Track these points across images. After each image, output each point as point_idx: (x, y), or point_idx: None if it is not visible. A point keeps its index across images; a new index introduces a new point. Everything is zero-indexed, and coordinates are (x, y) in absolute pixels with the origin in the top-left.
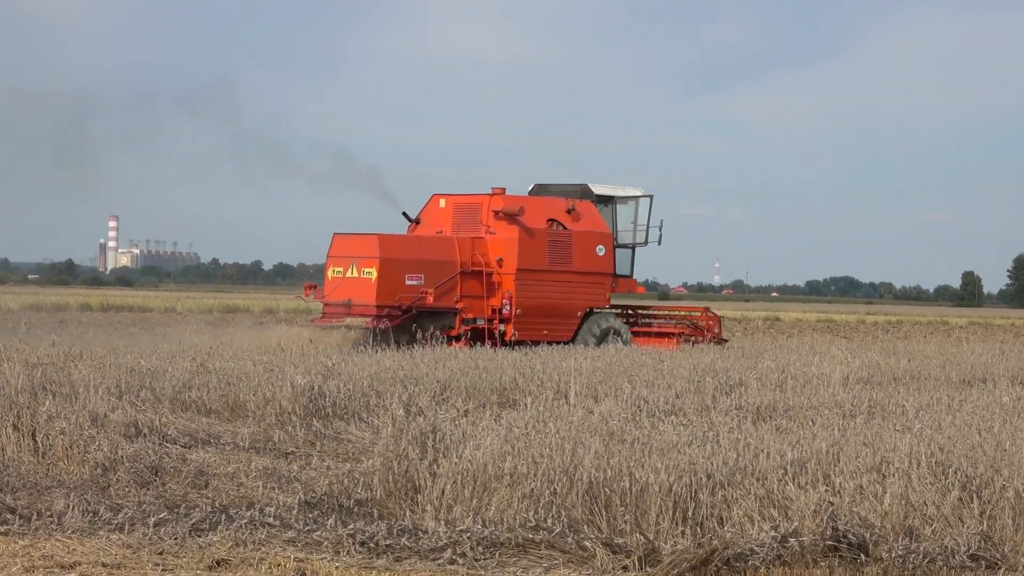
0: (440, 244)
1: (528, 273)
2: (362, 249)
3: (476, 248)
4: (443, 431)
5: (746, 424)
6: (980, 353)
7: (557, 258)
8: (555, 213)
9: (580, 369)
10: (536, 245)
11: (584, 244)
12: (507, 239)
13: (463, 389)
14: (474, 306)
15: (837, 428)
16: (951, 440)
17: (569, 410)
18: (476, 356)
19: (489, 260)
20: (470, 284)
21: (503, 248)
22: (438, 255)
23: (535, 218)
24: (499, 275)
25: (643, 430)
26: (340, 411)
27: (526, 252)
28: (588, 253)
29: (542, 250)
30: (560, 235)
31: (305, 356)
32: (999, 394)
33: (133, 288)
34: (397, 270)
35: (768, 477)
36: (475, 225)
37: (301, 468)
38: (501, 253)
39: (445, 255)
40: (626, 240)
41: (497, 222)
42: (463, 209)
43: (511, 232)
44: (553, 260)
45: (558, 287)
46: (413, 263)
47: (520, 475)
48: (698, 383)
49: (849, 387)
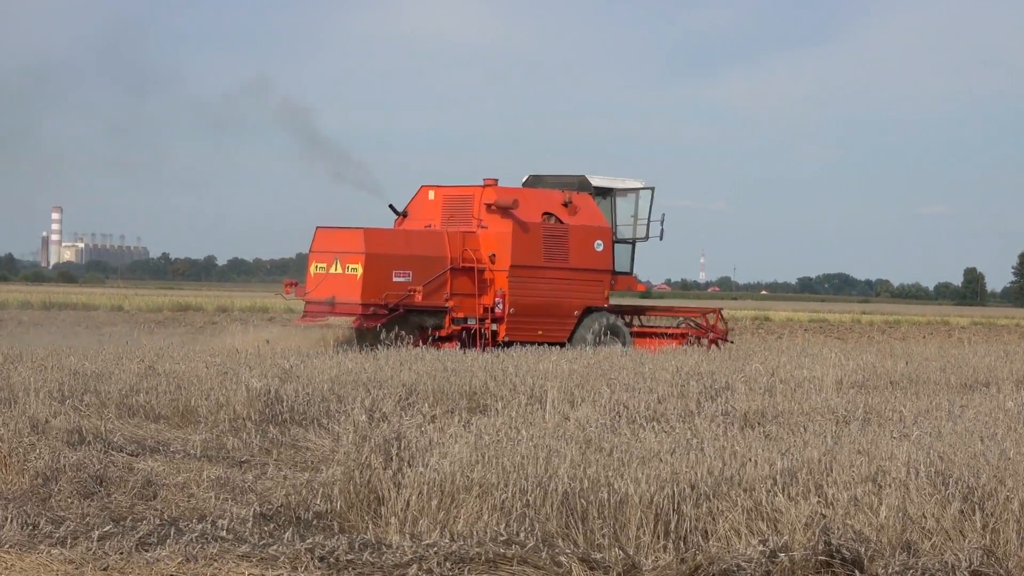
0: (429, 239)
1: (522, 270)
2: (347, 244)
3: (467, 243)
4: (408, 438)
5: (733, 431)
6: (983, 355)
7: (553, 254)
8: (551, 206)
9: (556, 372)
10: (531, 240)
11: (581, 239)
12: (500, 233)
13: (430, 393)
14: (465, 305)
15: (830, 435)
16: (952, 448)
17: (544, 416)
18: (444, 358)
19: (481, 256)
20: (461, 281)
21: (496, 243)
22: (427, 250)
23: (530, 211)
24: (491, 272)
25: (623, 437)
26: (298, 417)
27: (520, 247)
28: (586, 249)
29: (537, 245)
30: (556, 229)
31: (261, 358)
32: (1003, 399)
33: (77, 284)
34: (384, 266)
35: (756, 488)
36: (466, 219)
37: (256, 478)
38: (494, 248)
39: (434, 250)
40: (626, 235)
41: (489, 215)
42: (453, 202)
43: (504, 226)
44: (549, 256)
45: (554, 285)
46: (401, 259)
47: (491, 485)
48: (682, 387)
49: (843, 391)
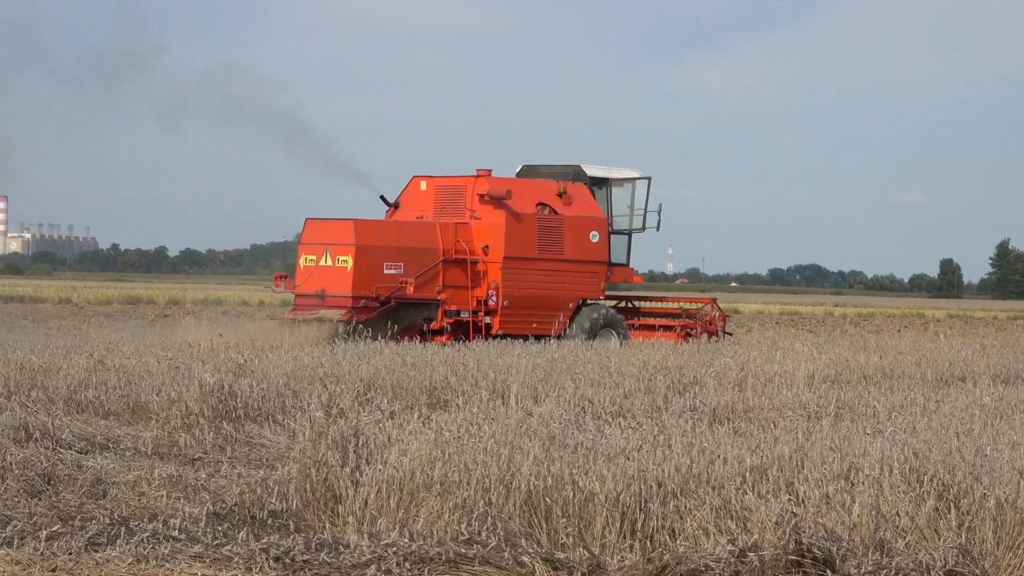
0: (421, 230)
1: (516, 261)
2: (337, 235)
3: (460, 234)
4: (366, 435)
5: (701, 427)
6: (959, 349)
7: (547, 245)
8: (545, 197)
9: (519, 367)
10: (524, 231)
11: (576, 230)
12: (493, 225)
13: (389, 388)
14: (457, 297)
15: (801, 431)
16: (926, 445)
17: (506, 412)
18: (404, 352)
19: (474, 247)
20: (453, 273)
21: (489, 234)
22: (419, 242)
23: (523, 202)
24: (484, 263)
25: (587, 434)
26: (253, 413)
27: (514, 239)
28: (581, 240)
29: (531, 236)
30: (550, 220)
31: (215, 352)
32: (979, 394)
33: (24, 276)
34: (375, 258)
35: (725, 485)
36: (459, 209)
37: (209, 476)
38: (487, 240)
39: (426, 242)
40: (622, 226)
41: (482, 206)
42: (446, 192)
43: (497, 217)
44: (543, 247)
45: (548, 276)
46: (392, 251)
47: (451, 483)
48: (648, 382)
49: (815, 386)
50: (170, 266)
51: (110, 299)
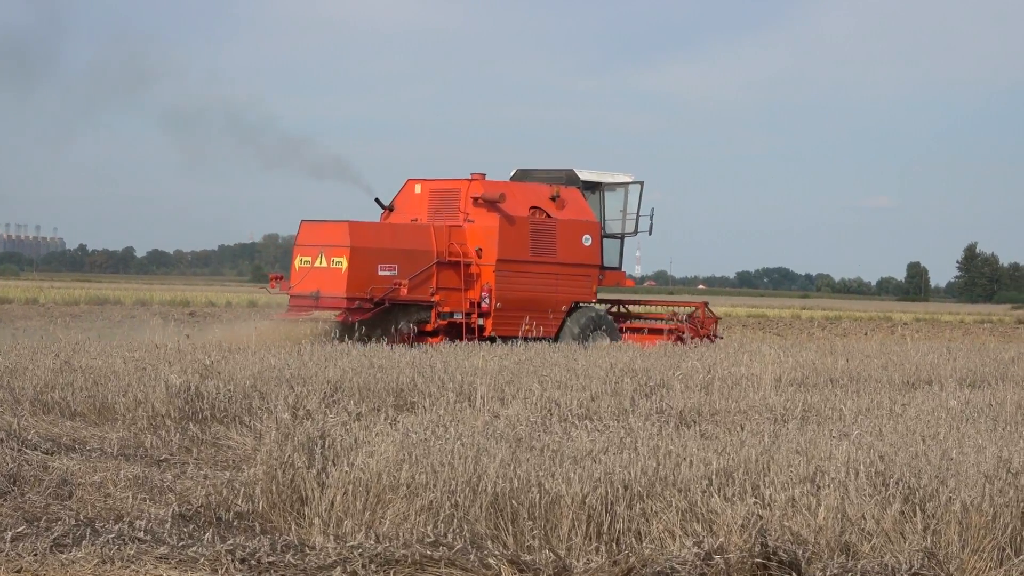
0: (415, 232)
1: (509, 264)
2: (332, 237)
3: (453, 237)
4: (333, 437)
5: (668, 430)
6: (925, 352)
7: (540, 248)
8: (538, 200)
9: (485, 369)
10: (518, 234)
11: (569, 233)
12: (487, 227)
13: (356, 390)
14: (451, 299)
15: (768, 434)
16: (892, 448)
17: (473, 414)
18: (371, 354)
19: (467, 250)
20: (447, 275)
21: (482, 237)
22: (413, 244)
23: (517, 205)
24: (478, 266)
25: (554, 436)
26: (219, 414)
27: (507, 241)
28: (574, 243)
29: (524, 239)
30: (544, 223)
31: (181, 353)
32: (946, 397)
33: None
34: (369, 260)
35: (691, 488)
36: (453, 212)
37: (175, 477)
38: (480, 242)
39: (420, 244)
40: (614, 229)
41: (476, 209)
42: (440, 195)
43: (491, 220)
44: (536, 250)
45: (541, 279)
46: (386, 252)
47: (418, 485)
48: (615, 384)
49: (781, 389)
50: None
51: (77, 299)
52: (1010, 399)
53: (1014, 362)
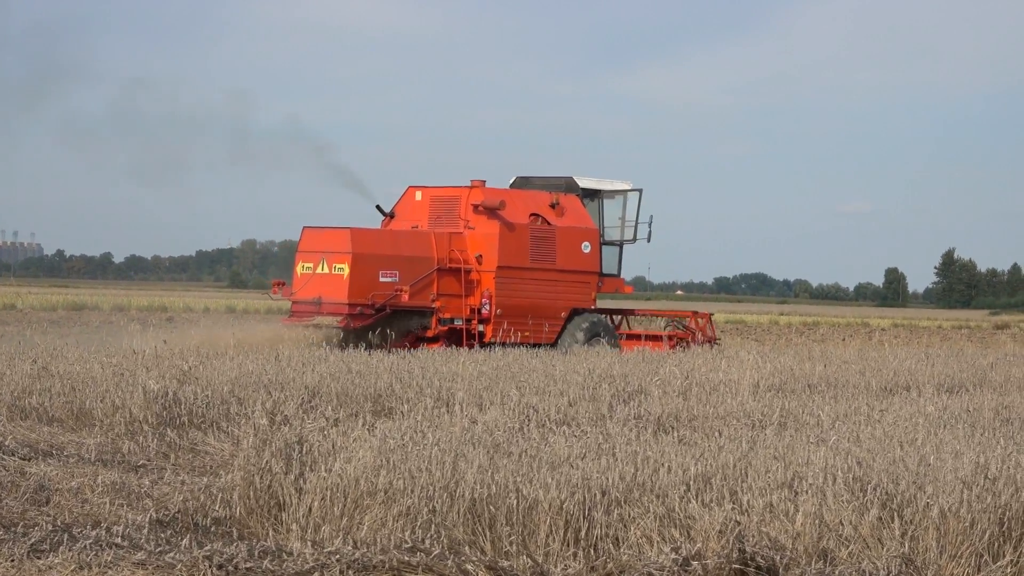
0: (416, 239)
1: (509, 271)
2: (333, 244)
3: (454, 244)
4: (311, 442)
5: (646, 435)
6: (903, 358)
7: (540, 255)
8: (538, 207)
9: (463, 375)
10: (518, 241)
11: (569, 240)
12: (487, 234)
13: (333, 396)
14: (451, 305)
15: (745, 440)
16: (870, 454)
17: (451, 419)
18: (348, 359)
19: (468, 256)
20: (447, 282)
21: (483, 244)
22: (414, 251)
23: (517, 212)
24: (478, 272)
25: (532, 442)
26: (197, 420)
27: (507, 248)
28: (573, 250)
29: (524, 246)
30: (543, 231)
31: (159, 359)
32: (923, 403)
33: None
34: (370, 266)
35: (669, 494)
36: (453, 219)
37: (153, 483)
38: (480, 249)
39: (421, 251)
40: (613, 237)
41: (476, 216)
42: (440, 202)
43: (491, 227)
44: (536, 257)
45: (541, 286)
46: (387, 259)
47: (396, 491)
48: (593, 390)
49: (759, 395)
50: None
51: (55, 305)
52: (987, 405)
53: (992, 368)
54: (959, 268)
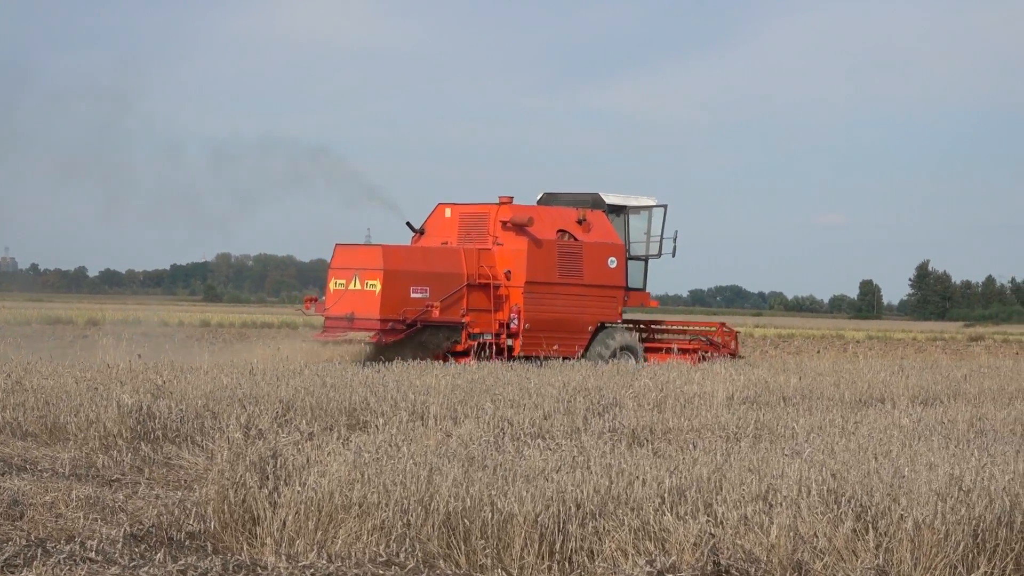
0: (446, 255)
1: (537, 286)
2: (366, 260)
3: (483, 260)
4: (285, 456)
5: (620, 448)
6: (878, 370)
7: (567, 270)
8: (565, 224)
9: (438, 388)
10: (545, 257)
11: (595, 256)
12: (515, 250)
13: (308, 409)
14: (481, 320)
15: (720, 452)
16: (844, 466)
17: (425, 433)
18: (323, 373)
19: (496, 272)
20: (477, 297)
21: (511, 260)
22: (444, 267)
23: (544, 229)
24: (507, 288)
25: (506, 455)
26: (171, 434)
27: (535, 264)
28: (599, 265)
29: (552, 262)
30: (570, 246)
31: (134, 373)
32: (898, 415)
33: None
34: (402, 282)
35: (644, 507)
36: (482, 236)
37: (127, 497)
38: (509, 265)
39: (451, 267)
40: (639, 252)
41: (505, 233)
42: (469, 219)
43: (519, 243)
44: (563, 272)
45: (568, 300)
46: (418, 275)
47: (370, 505)
48: (568, 403)
49: (733, 407)
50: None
51: (29, 319)
52: (962, 417)
53: (966, 379)
54: (934, 280)
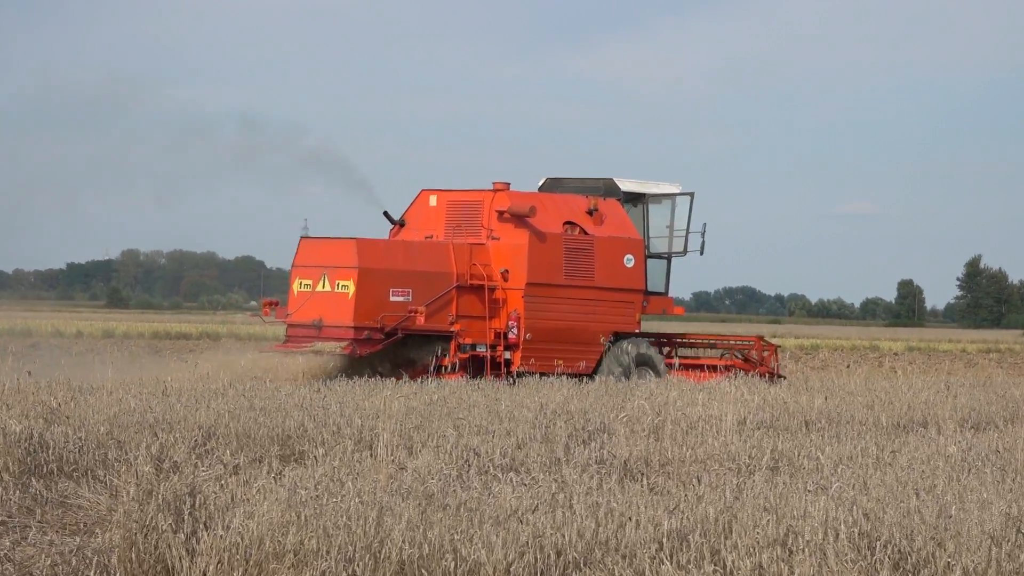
0: (432, 252)
1: (540, 288)
2: (337, 257)
3: (476, 257)
4: (205, 494)
5: (609, 483)
6: (919, 388)
7: (576, 270)
8: (573, 214)
9: (390, 411)
10: (550, 254)
11: (609, 253)
12: (514, 246)
13: (233, 437)
14: (473, 329)
15: (729, 488)
16: (880, 504)
17: (374, 465)
18: (251, 394)
19: (492, 272)
20: (468, 301)
21: (509, 257)
22: (430, 265)
23: (549, 220)
24: (504, 290)
25: (472, 492)
26: (68, 468)
27: (538, 262)
28: (614, 264)
29: (557, 260)
30: (580, 242)
31: (22, 394)
32: (943, 443)
33: None
34: (380, 283)
35: (638, 554)
36: (474, 228)
37: (15, 544)
38: (507, 263)
39: (438, 265)
40: (660, 248)
41: (502, 225)
42: (459, 208)
43: (519, 237)
44: (571, 273)
45: (577, 306)
46: (399, 275)
47: (309, 552)
48: (547, 429)
49: (746, 434)
50: None
51: None
52: (1020, 444)
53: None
54: (986, 280)
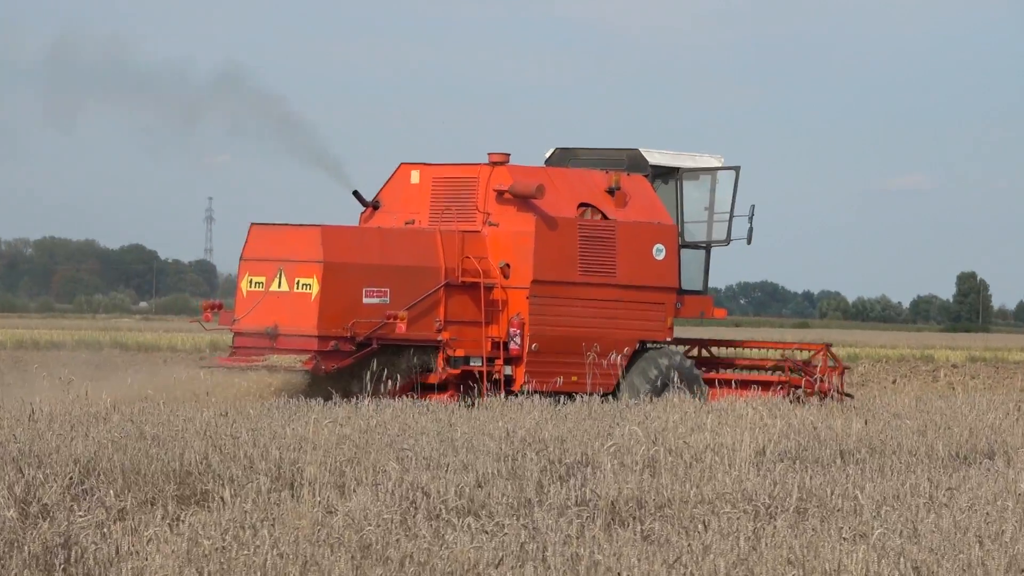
0: (415, 242)
1: (549, 287)
2: (296, 249)
3: (469, 247)
4: (83, 545)
5: (593, 530)
6: (984, 409)
7: (594, 264)
8: (590, 194)
9: (316, 440)
10: (562, 243)
11: (634, 242)
12: (517, 234)
13: (118, 473)
14: (465, 337)
15: (744, 536)
16: (934, 555)
17: (296, 508)
18: (140, 419)
19: (489, 266)
20: (460, 304)
21: (510, 248)
22: (412, 259)
23: (560, 201)
24: (504, 290)
25: (420, 542)
26: None
27: (546, 255)
28: (641, 256)
29: (571, 251)
30: (598, 228)
31: None
32: (1014, 477)
33: None
34: (350, 281)
35: None
36: (467, 212)
37: None
38: (508, 256)
39: (422, 259)
40: (697, 236)
41: (501, 207)
42: (448, 187)
43: (524, 223)
44: (587, 267)
45: (595, 309)
46: (374, 271)
47: None
48: (514, 462)
49: (766, 467)
50: None
51: None
52: None
53: None
54: None
